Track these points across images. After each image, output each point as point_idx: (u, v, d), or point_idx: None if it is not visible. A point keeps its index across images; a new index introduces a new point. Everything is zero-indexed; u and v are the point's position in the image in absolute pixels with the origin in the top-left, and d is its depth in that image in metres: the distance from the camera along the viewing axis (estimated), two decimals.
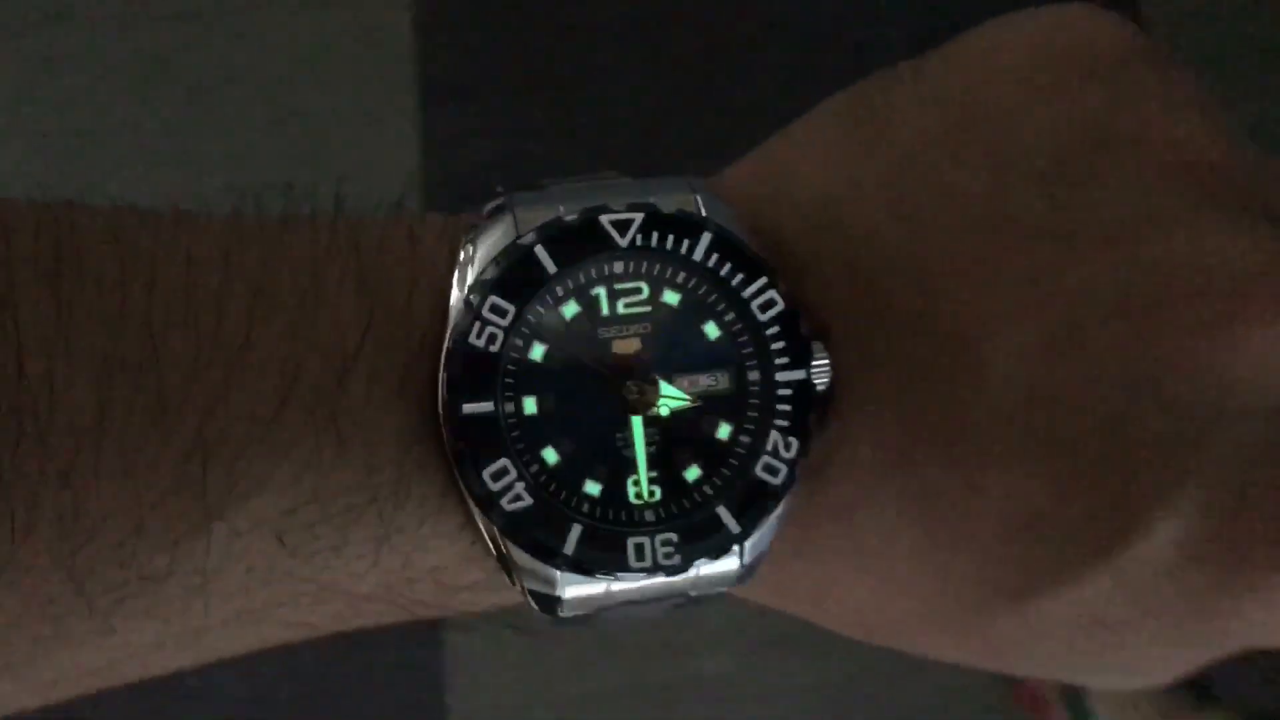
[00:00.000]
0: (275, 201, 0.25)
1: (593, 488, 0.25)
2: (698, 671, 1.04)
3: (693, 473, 0.25)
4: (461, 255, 0.25)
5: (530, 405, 0.25)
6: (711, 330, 0.26)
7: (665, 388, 0.25)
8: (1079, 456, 0.23)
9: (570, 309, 0.25)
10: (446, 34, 1.06)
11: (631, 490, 0.25)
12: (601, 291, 0.25)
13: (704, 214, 0.26)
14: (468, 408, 0.24)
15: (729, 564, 0.25)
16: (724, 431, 0.25)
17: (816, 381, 0.25)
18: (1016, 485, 0.24)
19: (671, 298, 0.25)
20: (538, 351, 0.25)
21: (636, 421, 0.25)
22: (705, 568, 0.25)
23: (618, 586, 0.25)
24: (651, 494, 0.25)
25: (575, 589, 0.25)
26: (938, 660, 0.27)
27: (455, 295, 0.25)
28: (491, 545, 0.25)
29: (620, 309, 0.25)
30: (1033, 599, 0.24)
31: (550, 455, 0.25)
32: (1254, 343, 0.23)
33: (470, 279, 0.25)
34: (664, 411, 0.25)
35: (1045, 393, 0.23)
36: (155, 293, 0.23)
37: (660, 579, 0.25)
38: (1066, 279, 0.24)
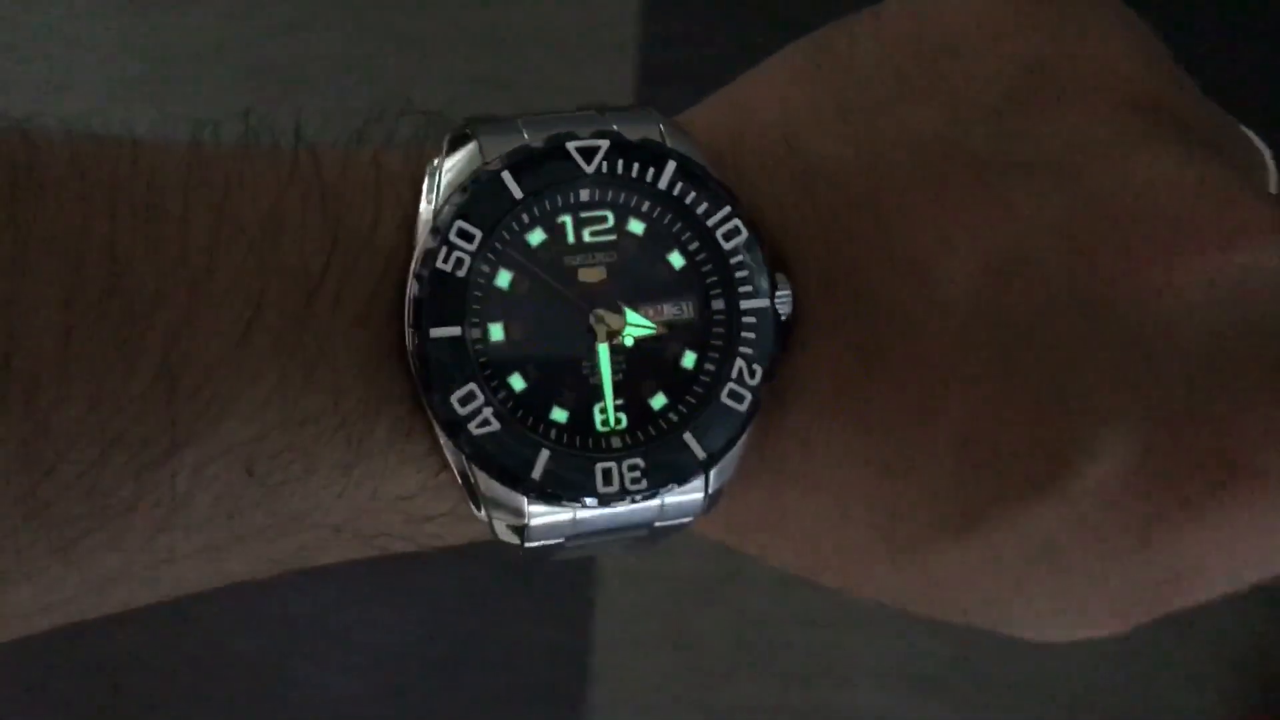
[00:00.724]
0: (235, 130, 0.25)
1: (559, 414, 0.25)
2: (850, 701, 1.02)
3: (659, 400, 0.25)
4: (427, 181, 0.25)
5: (496, 331, 0.25)
6: (676, 259, 0.26)
7: (631, 316, 0.25)
8: (1025, 381, 0.24)
9: (536, 236, 0.25)
10: (672, 20, 1.05)
11: (598, 417, 0.25)
12: (568, 219, 0.25)
13: (668, 144, 0.26)
14: (435, 331, 0.24)
15: (694, 493, 0.26)
16: (689, 360, 0.26)
17: (780, 309, 0.25)
18: (964, 410, 0.24)
19: (637, 226, 0.26)
20: (504, 278, 0.25)
21: (603, 349, 0.25)
22: (670, 496, 0.26)
23: (584, 514, 0.25)
24: (618, 421, 0.25)
25: (541, 516, 0.25)
26: (887, 604, 0.27)
27: (421, 220, 0.25)
28: (458, 474, 0.25)
29: (586, 237, 0.25)
30: (980, 528, 0.25)
31: (517, 382, 0.25)
32: (1198, 267, 0.24)
33: (436, 204, 0.25)
34: (629, 340, 0.25)
35: (993, 317, 0.24)
36: (117, 218, 0.23)
37: (626, 505, 0.25)
38: (1016, 206, 0.24)
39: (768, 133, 0.26)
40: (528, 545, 0.25)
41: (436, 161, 0.25)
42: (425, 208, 0.25)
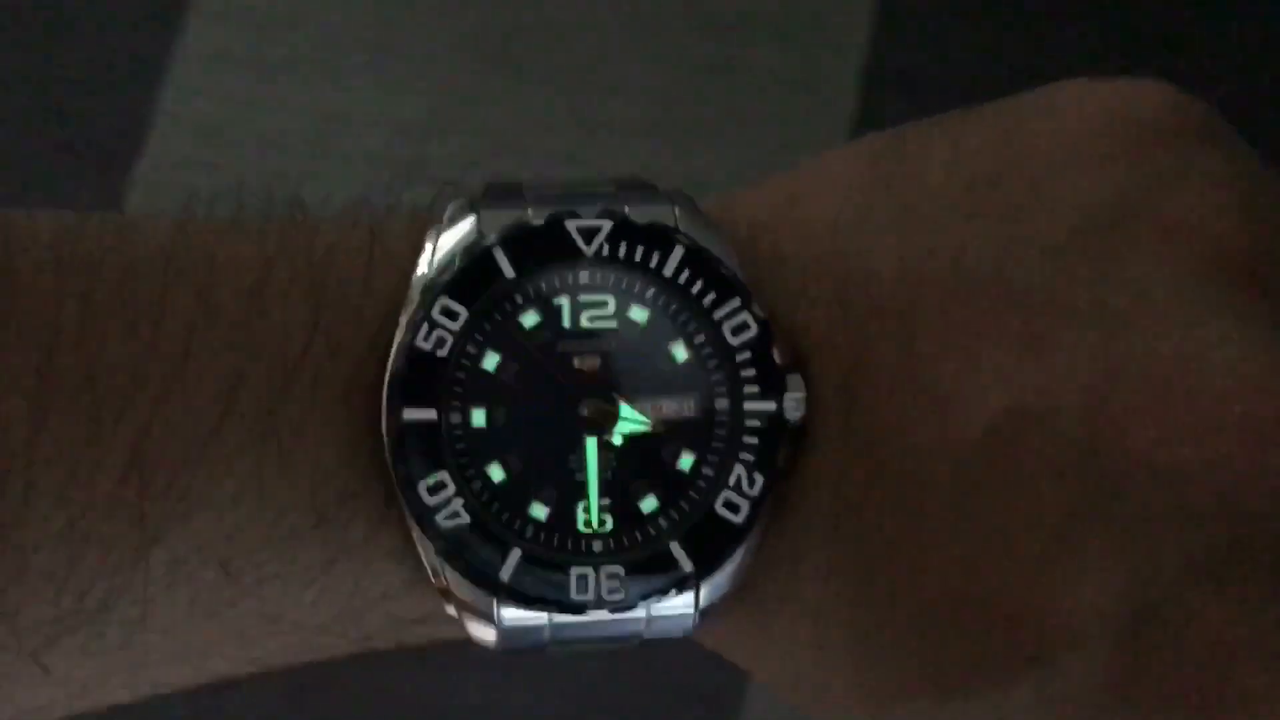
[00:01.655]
0: (229, 204, 0.24)
1: (539, 511, 0.23)
2: None
3: (649, 504, 0.24)
4: (425, 256, 0.24)
5: (479, 417, 0.23)
6: (679, 352, 0.24)
7: (625, 410, 0.24)
8: (1023, 548, 0.22)
9: (530, 318, 0.24)
10: (905, 24, 1.03)
11: (580, 517, 0.23)
12: (564, 302, 0.24)
13: (679, 227, 0.24)
14: (408, 413, 0.23)
15: (683, 606, 0.24)
16: (686, 462, 0.24)
17: (789, 415, 0.23)
18: (957, 564, 0.22)
19: (639, 314, 0.24)
20: (491, 361, 0.23)
21: (591, 443, 0.23)
22: (657, 608, 0.24)
23: (561, 619, 0.23)
24: (602, 523, 0.23)
25: (514, 616, 0.23)
26: None
27: (411, 295, 0.23)
28: (429, 570, 0.23)
29: (583, 322, 0.24)
30: (955, 697, 0.22)
31: (496, 472, 0.23)
32: (1238, 468, 0.21)
33: (427, 278, 0.23)
34: (618, 440, 0.23)
35: (1002, 469, 0.22)
36: (92, 303, 0.22)
37: (605, 615, 0.23)
38: (1052, 355, 0.22)
39: (813, 229, 0.24)
40: (502, 648, 0.24)
41: (436, 233, 0.24)
42: (416, 283, 0.23)
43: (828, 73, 0.97)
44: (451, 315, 0.23)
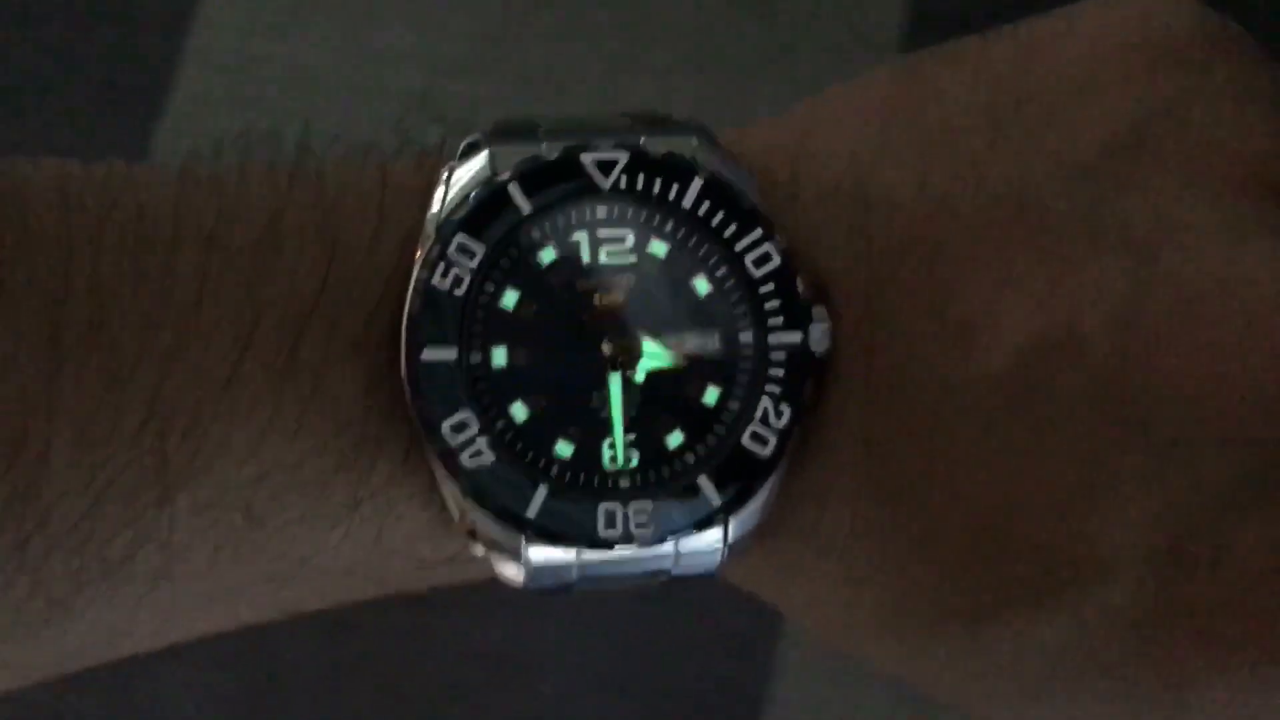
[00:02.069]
0: (237, 149, 0.24)
1: (564, 449, 0.23)
2: None
3: (675, 439, 0.23)
4: (439, 192, 0.23)
5: (499, 356, 0.23)
6: (701, 286, 0.24)
7: (648, 346, 0.23)
8: (1052, 472, 0.21)
9: (548, 255, 0.23)
10: None
11: (606, 454, 0.23)
12: (583, 238, 0.23)
13: (697, 158, 0.24)
14: (428, 354, 0.22)
15: (712, 542, 0.23)
16: (711, 396, 0.23)
17: (815, 346, 0.23)
18: (985, 495, 0.22)
19: (659, 248, 0.23)
20: (510, 299, 0.23)
21: (615, 380, 0.23)
22: (685, 544, 0.23)
23: (590, 555, 0.23)
24: (628, 459, 0.23)
25: (541, 554, 0.23)
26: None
27: (425, 234, 0.23)
28: (455, 509, 0.23)
29: (603, 258, 0.23)
30: (985, 628, 0.22)
31: (519, 411, 0.23)
32: (1259, 382, 0.21)
33: (440, 217, 0.23)
34: (640, 376, 0.23)
35: (1031, 398, 0.22)
36: (102, 251, 0.22)
37: (633, 550, 0.23)
38: (1079, 278, 0.22)
39: (833, 159, 0.24)
40: (530, 587, 0.24)
41: (449, 171, 0.23)
42: (431, 221, 0.23)
43: (870, 9, 0.95)
44: (468, 253, 0.23)
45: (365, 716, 0.82)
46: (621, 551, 0.23)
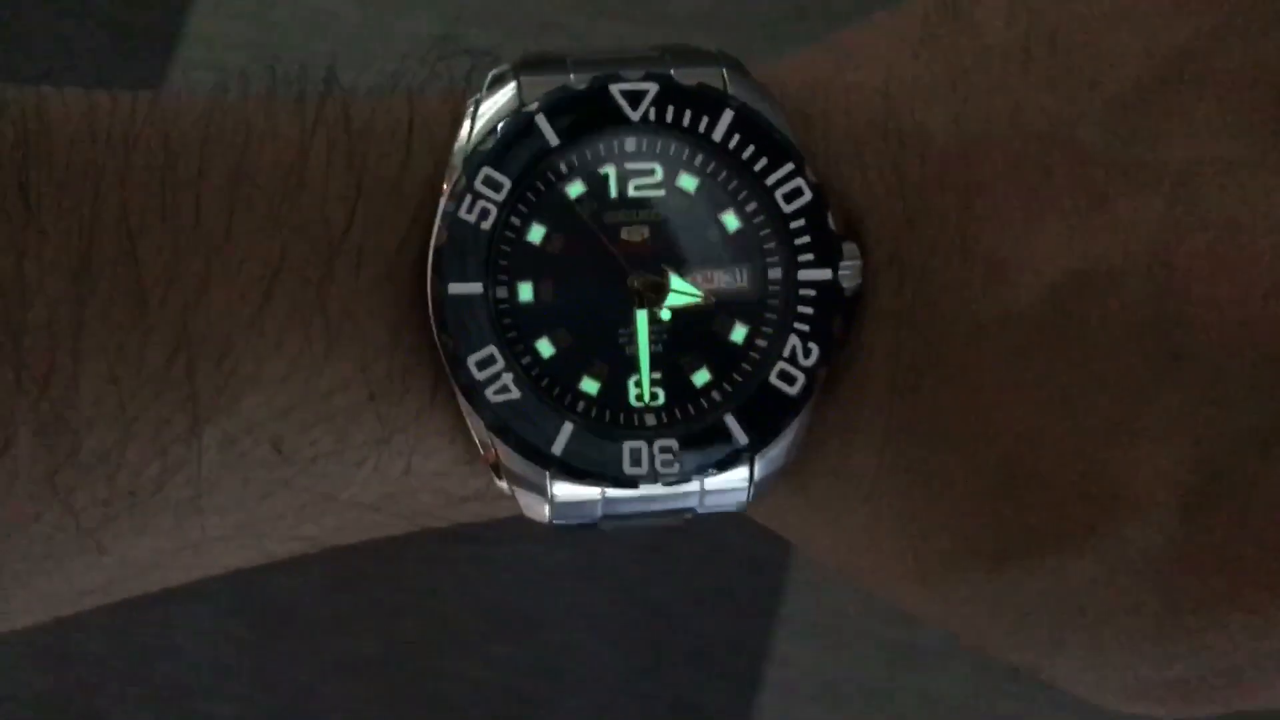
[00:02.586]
0: (263, 82, 0.23)
1: (590, 385, 0.23)
2: None
3: (701, 376, 0.23)
4: (466, 124, 0.23)
5: (526, 291, 0.23)
6: (730, 220, 0.23)
7: (676, 282, 0.23)
8: (1084, 410, 0.21)
9: (575, 188, 0.23)
10: None
11: (632, 391, 0.23)
12: (610, 171, 0.23)
13: (728, 90, 0.23)
14: (454, 288, 0.22)
15: (738, 480, 0.23)
16: (739, 334, 0.23)
17: (845, 283, 0.23)
18: (1015, 432, 0.21)
19: (688, 182, 0.23)
20: (536, 233, 0.23)
21: (641, 316, 0.23)
22: (711, 482, 0.23)
23: (614, 493, 0.23)
24: (654, 396, 0.23)
25: (566, 490, 0.23)
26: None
27: (452, 165, 0.23)
28: (480, 444, 0.23)
29: (631, 191, 0.23)
30: (1009, 567, 0.22)
31: (545, 347, 0.23)
32: None
33: (467, 149, 0.23)
34: (666, 313, 0.23)
35: (1064, 334, 0.21)
36: (129, 183, 0.21)
37: (659, 488, 0.23)
38: (1114, 214, 0.21)
39: (865, 92, 0.23)
40: (555, 523, 0.24)
41: (475, 103, 0.23)
42: (458, 153, 0.23)
43: None
44: (494, 186, 0.22)
45: (372, 663, 0.83)
46: (647, 489, 0.23)
